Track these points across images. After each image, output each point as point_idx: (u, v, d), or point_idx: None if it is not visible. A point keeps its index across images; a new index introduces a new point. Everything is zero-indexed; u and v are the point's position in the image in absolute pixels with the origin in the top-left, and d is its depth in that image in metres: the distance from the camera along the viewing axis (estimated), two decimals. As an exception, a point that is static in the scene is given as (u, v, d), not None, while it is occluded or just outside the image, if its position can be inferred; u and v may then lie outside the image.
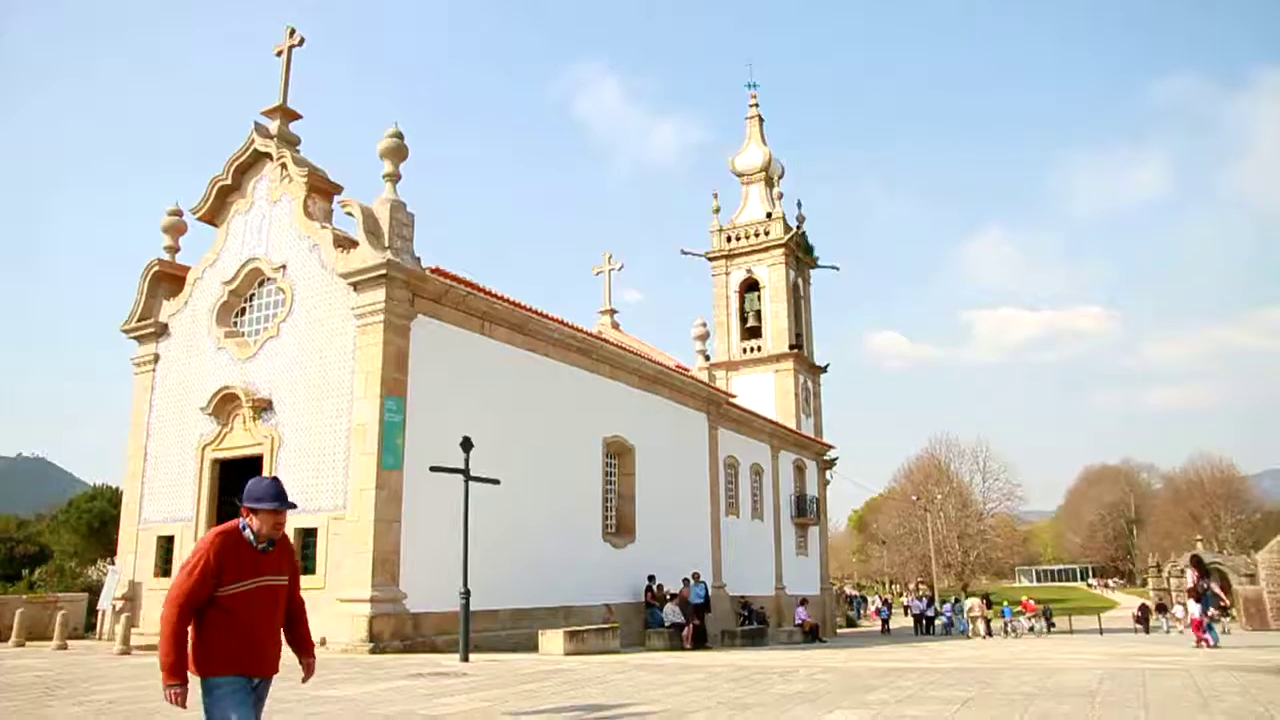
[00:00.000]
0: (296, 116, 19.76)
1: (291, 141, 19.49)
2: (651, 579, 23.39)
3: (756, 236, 44.53)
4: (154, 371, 20.44)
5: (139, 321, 20.76)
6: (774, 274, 43.64)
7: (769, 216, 44.80)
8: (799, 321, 44.49)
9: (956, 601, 44.89)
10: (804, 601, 31.91)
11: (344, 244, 17.75)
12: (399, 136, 18.07)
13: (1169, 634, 33.01)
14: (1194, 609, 20.00)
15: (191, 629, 4.28)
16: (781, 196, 45.49)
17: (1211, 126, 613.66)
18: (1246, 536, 73.27)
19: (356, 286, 17.13)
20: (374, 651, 14.84)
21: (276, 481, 4.51)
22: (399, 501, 16.29)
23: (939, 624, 38.92)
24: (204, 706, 4.29)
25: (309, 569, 15.97)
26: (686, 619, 21.86)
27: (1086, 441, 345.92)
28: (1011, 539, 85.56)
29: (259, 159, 19.71)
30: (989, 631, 34.46)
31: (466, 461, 14.74)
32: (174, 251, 21.44)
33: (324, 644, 14.71)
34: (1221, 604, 23.60)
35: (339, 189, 19.01)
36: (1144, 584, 62.17)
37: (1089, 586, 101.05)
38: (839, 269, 48.24)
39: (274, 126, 19.48)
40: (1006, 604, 41.85)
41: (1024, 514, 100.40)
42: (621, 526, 23.91)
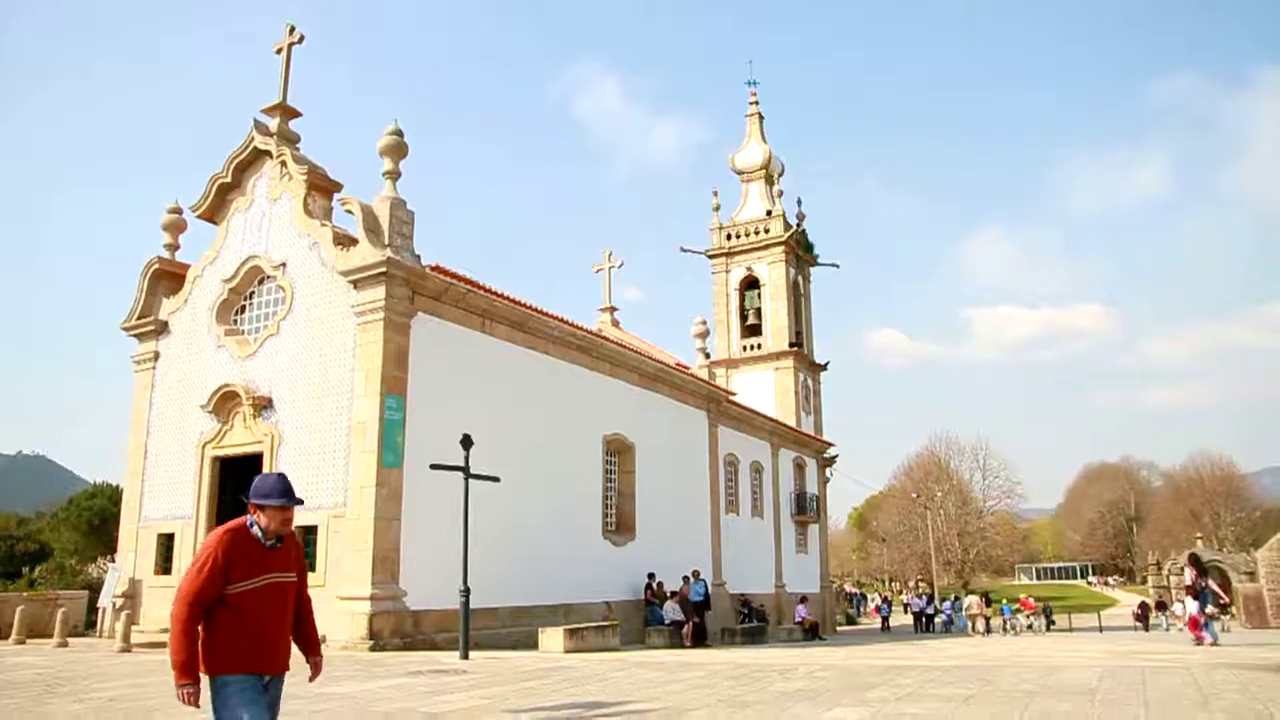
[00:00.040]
0: (296, 114, 19.75)
1: (291, 139, 19.48)
2: (651, 577, 23.41)
3: (756, 234, 44.52)
4: (154, 369, 20.45)
5: (139, 319, 20.76)
6: (774, 271, 43.63)
7: (769, 214, 44.78)
8: (799, 319, 44.49)
9: (956, 599, 44.94)
10: (804, 599, 31.95)
11: (344, 242, 17.75)
12: (399, 134, 18.05)
13: (1169, 632, 33.04)
14: (1191, 606, 20.11)
15: (200, 628, 4.22)
16: (781, 194, 45.47)
17: (1211, 126, 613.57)
18: (1246, 534, 73.39)
19: (356, 284, 17.13)
20: (374, 649, 14.86)
21: (284, 478, 4.45)
22: (399, 499, 16.30)
23: (939, 622, 38.94)
24: (213, 706, 4.23)
25: (309, 567, 15.94)
26: (686, 617, 21.89)
27: (1086, 439, 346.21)
28: (1011, 537, 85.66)
29: (259, 157, 19.70)
30: (988, 629, 34.50)
31: (466, 459, 14.74)
32: (174, 249, 21.43)
33: (324, 642, 14.67)
34: (1221, 602, 23.62)
35: (339, 186, 19.00)
36: (1144, 582, 62.22)
37: (1089, 584, 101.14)
38: (839, 266, 48.29)
39: (274, 124, 19.47)
40: (1005, 602, 41.88)
41: (1024, 512, 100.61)
42: (621, 524, 23.92)
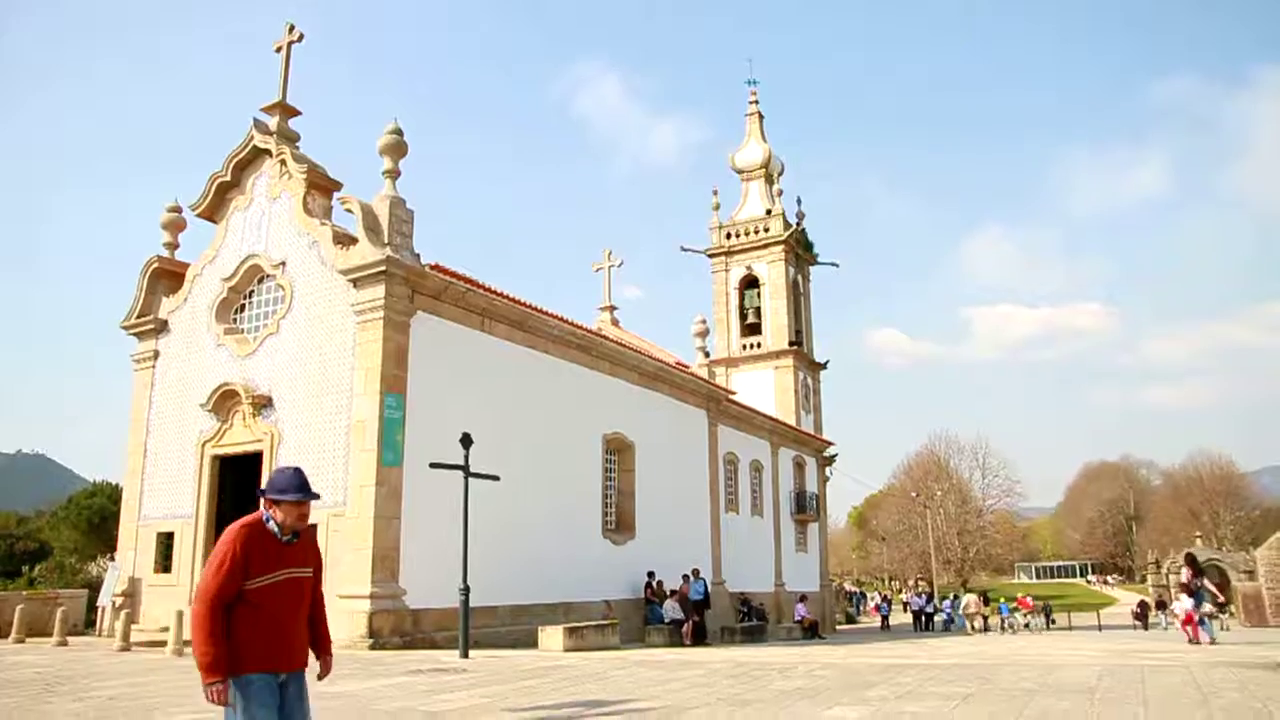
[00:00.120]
0: (296, 113, 19.73)
1: (291, 138, 19.46)
2: (651, 575, 23.42)
3: (756, 233, 44.51)
4: (154, 368, 20.44)
5: (139, 318, 20.75)
6: (774, 270, 43.63)
7: (769, 213, 44.78)
8: (799, 318, 44.49)
9: (956, 598, 44.93)
10: (803, 598, 31.95)
11: (343, 240, 17.73)
12: (398, 133, 18.03)
13: (1168, 630, 33.00)
14: (1186, 604, 20.22)
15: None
16: (781, 193, 45.49)
17: (1211, 125, 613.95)
18: (1245, 533, 73.38)
19: (356, 283, 17.12)
20: (374, 648, 14.86)
21: (300, 472, 4.38)
22: (399, 498, 16.29)
23: (938, 620, 38.93)
24: (230, 704, 4.17)
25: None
26: (686, 615, 21.89)
27: (1086, 438, 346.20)
28: (1011, 535, 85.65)
29: (258, 155, 19.69)
30: (986, 628, 34.51)
31: (466, 458, 14.74)
32: (173, 248, 21.42)
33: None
34: (1218, 601, 23.65)
35: (338, 185, 18.99)
36: (1143, 580, 62.21)
37: (1088, 583, 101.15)
38: (839, 265, 48.31)
39: (273, 123, 19.45)
40: (1003, 601, 41.88)
41: (1023, 510, 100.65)
42: (621, 523, 23.92)
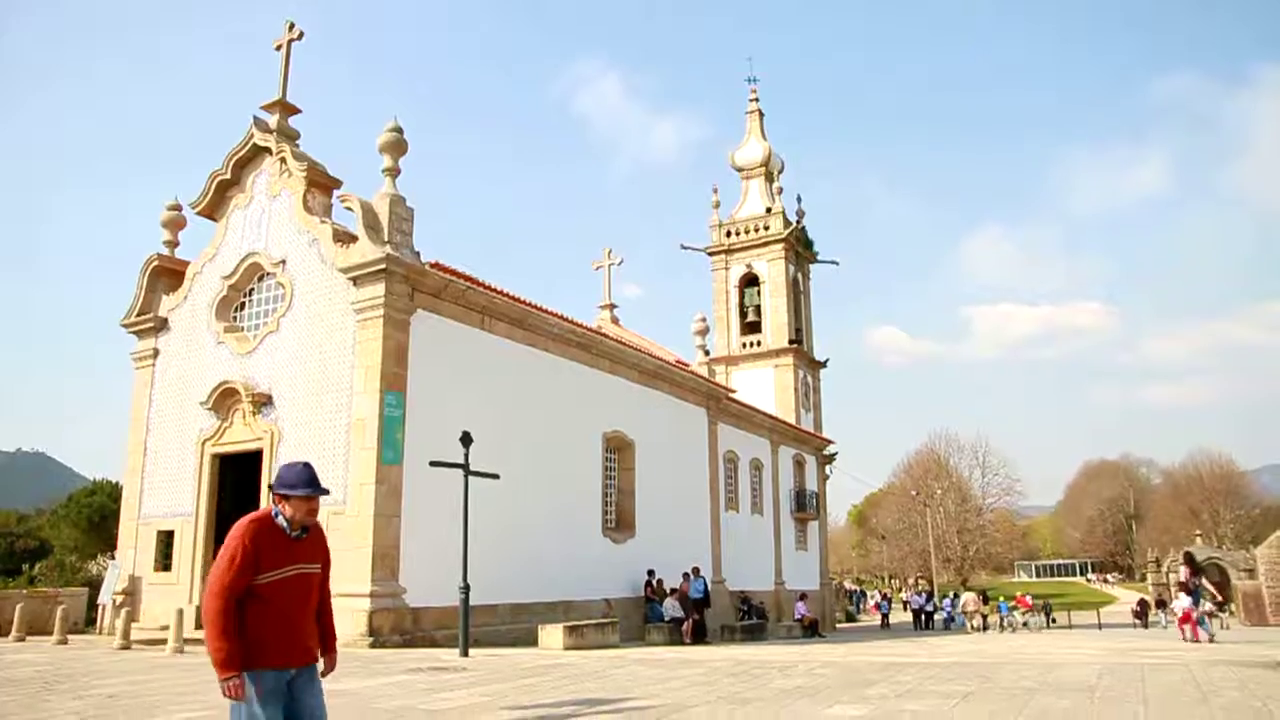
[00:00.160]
0: (296, 111, 19.71)
1: (291, 136, 19.44)
2: (651, 574, 23.42)
3: (756, 231, 44.49)
4: (154, 366, 20.43)
5: (138, 316, 20.73)
6: (774, 269, 43.61)
7: (769, 211, 44.75)
8: (799, 316, 44.47)
9: (956, 596, 44.92)
10: (803, 596, 31.94)
11: (343, 239, 17.71)
12: (398, 131, 18.01)
13: (1168, 629, 33.04)
14: (1184, 602, 20.33)
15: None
16: (781, 191, 45.45)
17: (1212, 124, 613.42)
18: (1245, 531, 73.39)
19: (356, 281, 17.10)
20: (373, 646, 14.86)
21: (309, 467, 4.35)
22: (399, 496, 16.28)
23: (938, 619, 38.94)
24: (233, 703, 4.14)
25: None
26: (686, 614, 21.88)
27: (1086, 437, 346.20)
28: (1011, 534, 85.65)
29: (258, 153, 19.67)
30: (985, 626, 34.51)
31: (466, 456, 14.74)
32: (173, 246, 21.39)
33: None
34: (1217, 600, 23.70)
35: (338, 183, 18.97)
36: (1143, 579, 62.24)
37: (1088, 581, 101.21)
38: (839, 264, 48.23)
39: (273, 121, 19.43)
40: (1003, 599, 41.88)
41: (1023, 509, 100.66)
42: (621, 521, 23.92)
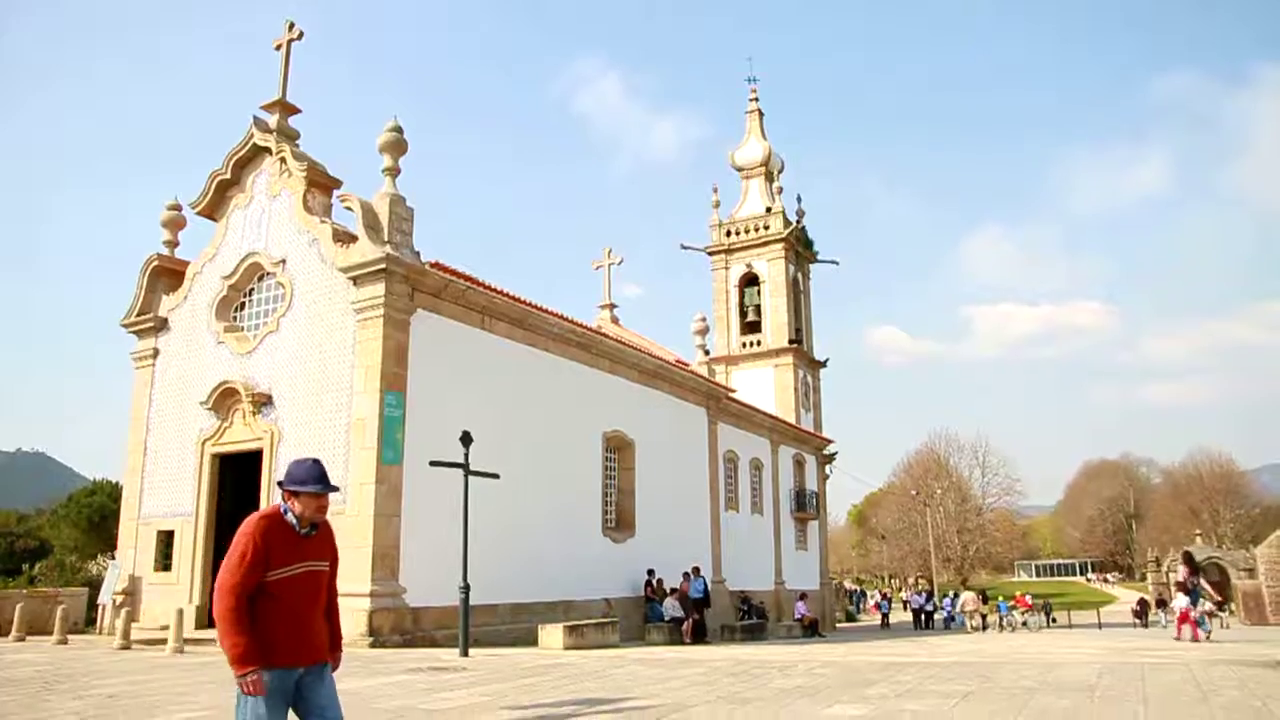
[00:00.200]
0: (296, 111, 19.70)
1: (291, 136, 19.44)
2: (651, 573, 23.42)
3: (756, 231, 44.48)
4: (154, 366, 20.43)
5: (138, 316, 20.73)
6: (774, 268, 43.60)
7: (769, 211, 44.74)
8: (799, 316, 44.46)
9: (955, 596, 44.92)
10: (803, 596, 31.94)
11: (343, 238, 17.71)
12: (398, 130, 18.01)
13: (1167, 629, 33.04)
14: (1182, 602, 20.40)
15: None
16: (781, 191, 45.43)
17: (1211, 123, 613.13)
18: (1245, 531, 73.40)
19: (356, 281, 17.10)
20: (373, 646, 14.86)
21: (319, 463, 4.30)
22: (399, 496, 16.28)
23: (938, 619, 38.93)
24: (237, 698, 4.09)
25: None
26: (686, 614, 21.88)
27: (1086, 436, 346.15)
28: (1011, 533, 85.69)
29: (258, 153, 19.66)
30: (984, 626, 34.51)
31: (466, 456, 14.74)
32: (173, 246, 21.38)
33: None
34: (1216, 599, 23.74)
35: (338, 183, 18.97)
36: (1143, 579, 62.24)
37: (1088, 581, 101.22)
38: (839, 264, 48.14)
39: (273, 121, 19.43)
40: (1002, 599, 41.89)
41: (1023, 509, 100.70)
42: (621, 521, 23.92)
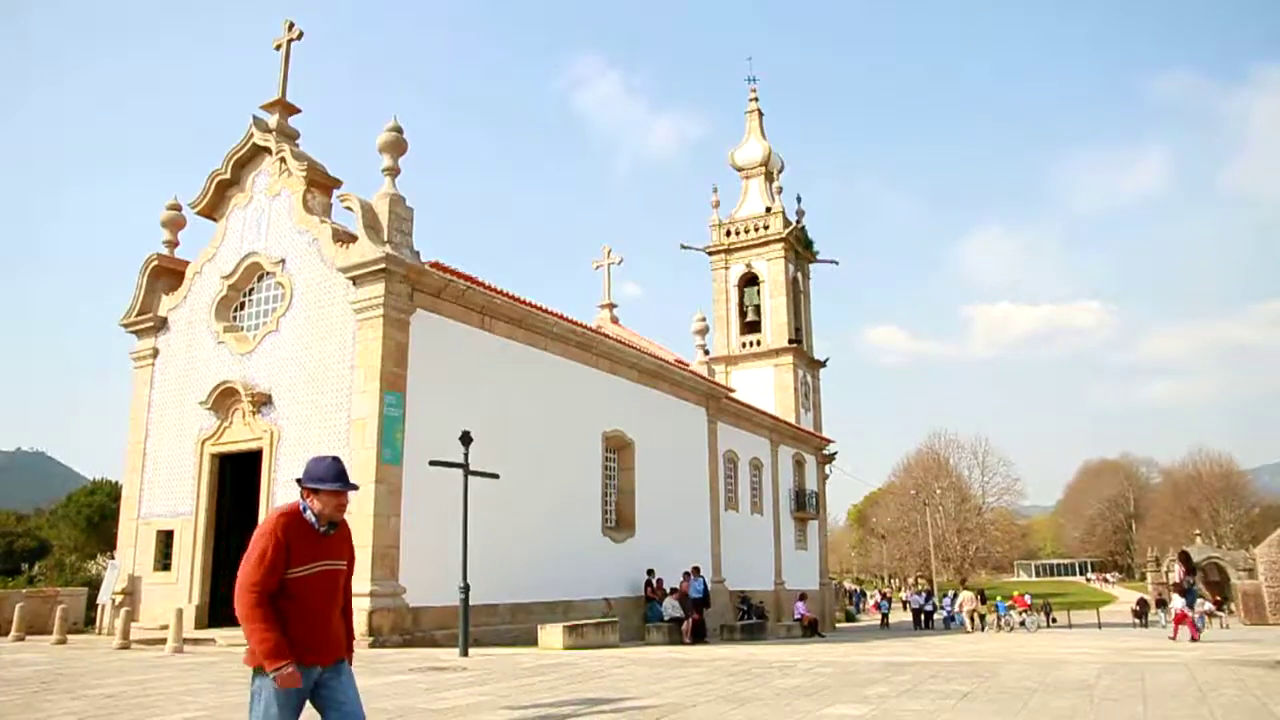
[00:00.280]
0: (295, 110, 19.70)
1: (290, 135, 19.43)
2: (651, 573, 23.42)
3: (756, 231, 44.48)
4: (153, 366, 20.42)
5: (138, 316, 20.72)
6: (773, 268, 43.61)
7: (768, 211, 44.73)
8: (798, 316, 44.46)
9: (954, 595, 44.93)
10: (803, 596, 31.94)
11: (343, 238, 17.71)
12: (398, 130, 18.01)
13: (1167, 628, 33.04)
14: (1178, 603, 20.47)
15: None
16: (781, 191, 45.44)
17: (1210, 123, 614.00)
18: (1245, 531, 73.48)
19: (356, 281, 17.10)
20: (373, 646, 14.86)
21: (338, 461, 4.24)
22: (398, 496, 16.29)
23: (938, 619, 38.92)
24: (250, 697, 4.04)
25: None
26: (686, 613, 21.88)
27: (1085, 436, 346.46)
28: (1010, 533, 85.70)
29: (258, 153, 19.66)
30: (983, 625, 34.51)
31: (466, 456, 14.73)
32: (173, 246, 21.37)
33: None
34: (1215, 600, 23.77)
35: (338, 183, 18.97)
36: (1143, 578, 62.27)
37: (1088, 581, 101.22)
38: (838, 263, 48.04)
39: (273, 120, 19.42)
40: (1000, 599, 41.91)
41: (1023, 508, 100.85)
42: (621, 521, 23.92)
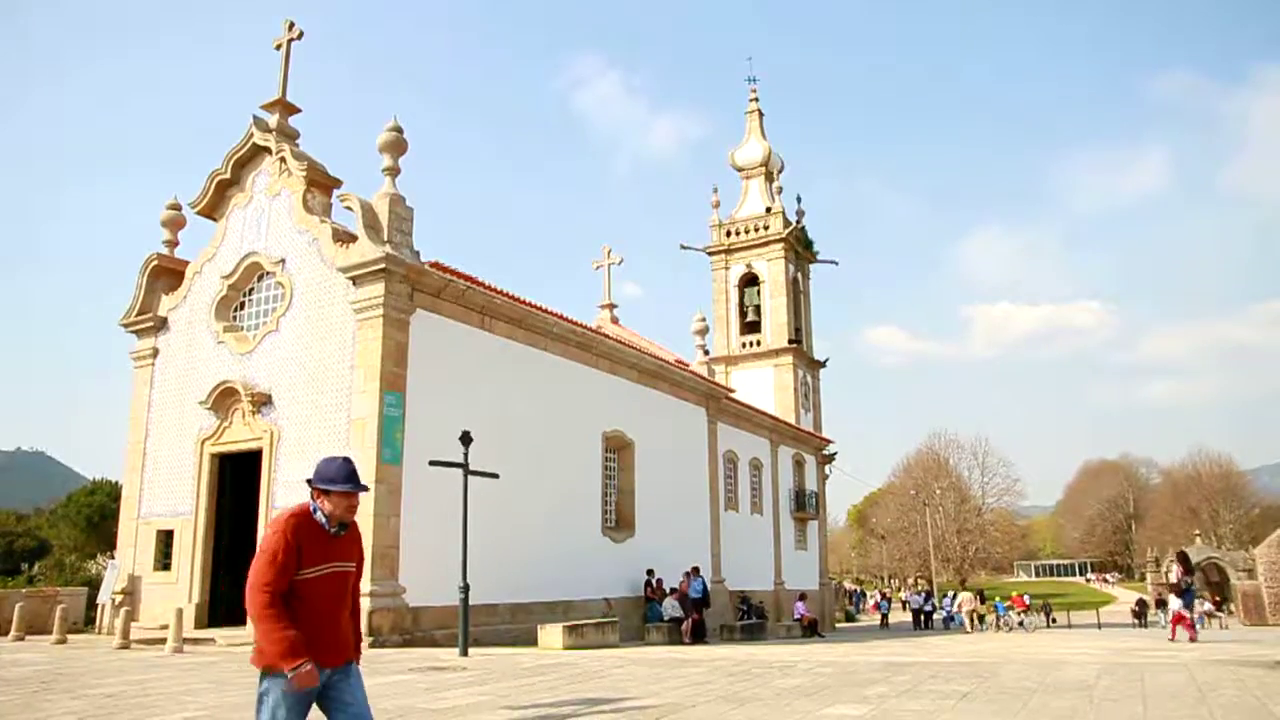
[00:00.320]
0: (295, 110, 19.70)
1: (290, 135, 19.43)
2: (651, 573, 23.42)
3: (756, 231, 44.49)
4: (153, 365, 20.42)
5: (138, 316, 20.71)
6: (773, 268, 43.61)
7: (768, 211, 44.74)
8: (798, 316, 44.47)
9: (953, 595, 44.94)
10: (803, 596, 31.94)
11: (343, 238, 17.71)
12: (398, 130, 18.01)
13: (1166, 629, 33.04)
14: (1175, 604, 20.46)
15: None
16: (781, 191, 45.44)
17: (1210, 123, 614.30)
18: (1245, 531, 73.48)
19: (355, 281, 17.10)
20: (373, 645, 14.85)
21: (349, 462, 4.22)
22: (398, 496, 16.29)
23: (938, 619, 38.92)
24: (258, 699, 4.01)
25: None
26: (686, 613, 21.88)
27: (1085, 436, 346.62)
28: (1010, 534, 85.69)
29: (258, 153, 19.66)
30: (982, 626, 34.52)
31: (466, 456, 14.74)
32: (173, 246, 21.36)
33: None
34: (1214, 600, 23.77)
35: (338, 183, 18.96)
36: (1142, 579, 62.27)
37: (1087, 581, 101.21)
38: (838, 264, 48.04)
39: (273, 120, 19.42)
40: (999, 599, 41.92)
41: (1023, 509, 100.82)
42: (621, 521, 23.92)
